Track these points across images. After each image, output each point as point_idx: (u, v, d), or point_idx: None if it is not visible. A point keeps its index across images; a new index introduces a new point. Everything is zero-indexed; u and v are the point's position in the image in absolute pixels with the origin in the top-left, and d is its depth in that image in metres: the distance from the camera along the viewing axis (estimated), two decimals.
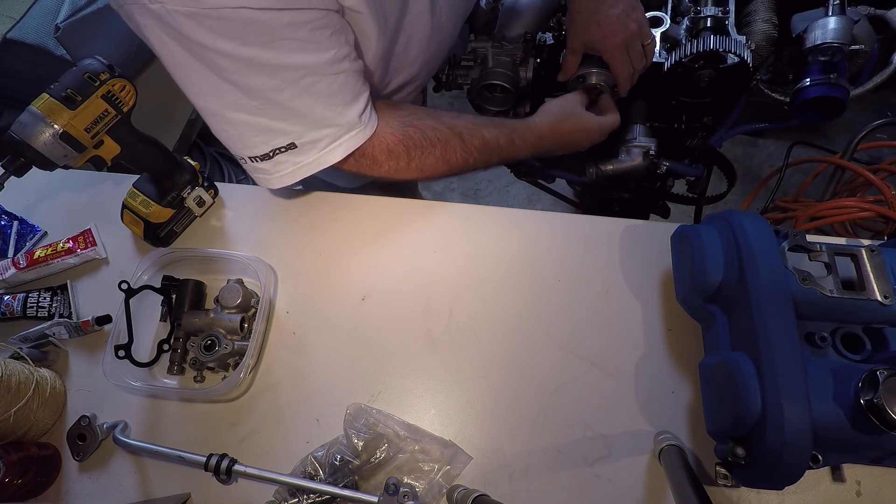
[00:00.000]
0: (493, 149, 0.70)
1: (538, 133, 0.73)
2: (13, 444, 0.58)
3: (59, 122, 0.55)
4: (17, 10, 1.25)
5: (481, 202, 1.94)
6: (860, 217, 1.05)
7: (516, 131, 0.72)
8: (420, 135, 0.65)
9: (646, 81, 0.79)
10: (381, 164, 0.65)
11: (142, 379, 0.64)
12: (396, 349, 0.65)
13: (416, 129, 0.65)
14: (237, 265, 0.69)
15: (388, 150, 0.64)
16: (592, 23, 0.72)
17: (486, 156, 0.70)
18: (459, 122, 0.68)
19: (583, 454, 0.58)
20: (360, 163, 0.64)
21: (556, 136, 0.75)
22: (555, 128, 0.74)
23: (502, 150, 0.71)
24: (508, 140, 0.71)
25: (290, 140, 0.57)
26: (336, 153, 0.60)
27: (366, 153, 0.63)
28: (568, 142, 0.76)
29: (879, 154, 1.40)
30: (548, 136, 0.74)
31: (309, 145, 0.58)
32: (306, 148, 0.58)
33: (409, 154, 0.65)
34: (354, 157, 0.62)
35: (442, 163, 0.67)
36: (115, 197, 0.73)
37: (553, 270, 0.68)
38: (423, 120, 0.67)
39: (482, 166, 0.72)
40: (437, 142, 0.66)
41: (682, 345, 0.62)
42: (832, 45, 0.73)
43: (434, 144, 0.66)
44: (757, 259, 0.51)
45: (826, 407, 0.45)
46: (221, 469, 0.55)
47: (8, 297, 0.70)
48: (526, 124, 0.74)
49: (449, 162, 0.67)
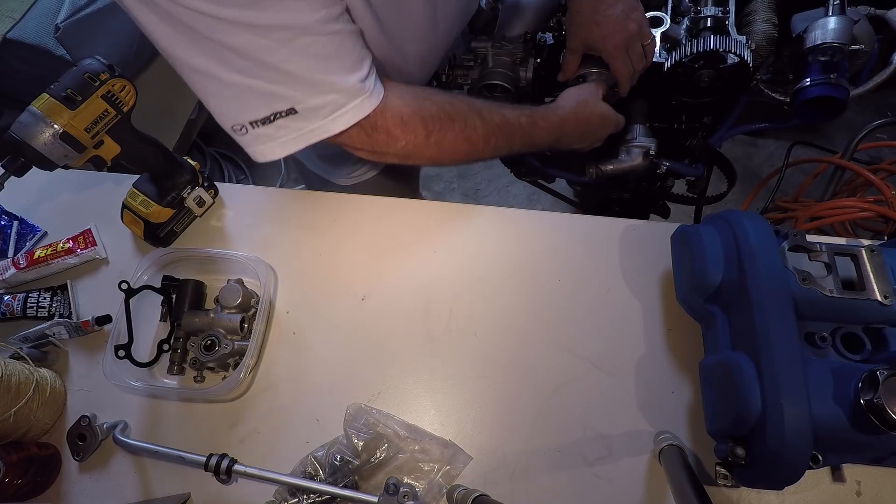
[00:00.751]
0: (515, 128, 0.66)
1: (560, 116, 0.71)
2: (13, 444, 0.58)
3: (59, 122, 0.55)
4: (17, 10, 1.25)
5: (481, 202, 1.94)
6: (860, 217, 1.05)
7: (537, 112, 0.69)
8: (437, 108, 0.61)
9: (646, 81, 0.79)
10: (397, 139, 0.60)
11: (142, 379, 0.64)
12: (396, 349, 0.65)
13: (432, 102, 0.61)
14: (237, 265, 0.69)
15: (402, 121, 0.59)
16: (592, 23, 0.72)
17: (507, 136, 0.66)
18: (477, 101, 0.65)
19: (583, 454, 0.58)
20: (374, 138, 0.59)
21: (577, 120, 0.72)
22: (576, 112, 0.72)
23: (524, 132, 0.67)
24: (530, 120, 0.68)
25: (290, 105, 0.54)
26: (341, 121, 0.56)
27: (378, 125, 0.58)
28: (587, 129, 0.74)
29: (879, 154, 1.40)
30: (569, 121, 0.72)
31: (311, 112, 0.55)
32: (309, 115, 0.55)
33: (426, 126, 0.60)
34: (366, 130, 0.58)
35: (462, 140, 0.63)
36: (115, 197, 0.73)
37: (553, 270, 0.68)
38: (439, 95, 0.63)
39: (504, 149, 0.68)
40: (456, 116, 0.62)
41: (682, 345, 0.62)
42: (832, 45, 0.73)
43: (453, 119, 0.62)
44: (757, 259, 0.51)
45: (826, 407, 0.45)
46: (221, 469, 0.55)
47: (8, 297, 0.70)
48: (547, 107, 0.72)
49: (470, 139, 0.63)
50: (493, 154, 0.68)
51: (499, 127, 0.65)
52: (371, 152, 0.62)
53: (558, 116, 0.71)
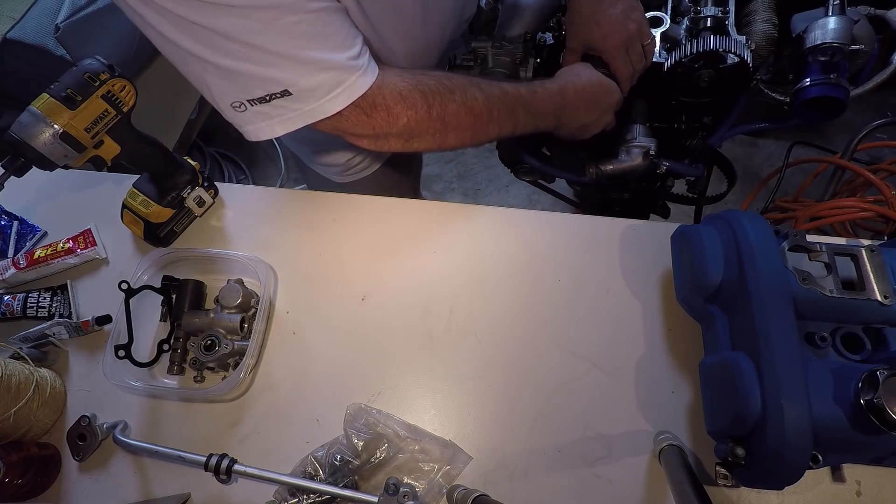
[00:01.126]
0: (516, 99, 0.65)
1: (559, 84, 0.70)
2: (13, 444, 0.58)
3: (59, 122, 0.55)
4: (17, 10, 1.25)
5: (481, 202, 1.95)
6: (860, 217, 1.05)
7: (535, 83, 0.69)
8: (435, 81, 0.60)
9: (646, 81, 0.79)
10: (398, 116, 0.58)
11: (142, 379, 0.64)
12: (396, 349, 0.65)
13: (430, 77, 0.60)
14: (237, 265, 0.69)
15: (401, 96, 0.58)
16: (592, 23, 0.72)
17: (509, 106, 0.65)
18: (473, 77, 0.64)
19: (583, 454, 0.58)
20: (373, 118, 0.58)
21: (577, 87, 0.71)
22: (574, 80, 0.71)
23: (524, 101, 0.66)
24: (530, 90, 0.67)
25: (283, 87, 0.53)
26: (338, 101, 0.55)
27: (377, 103, 0.57)
28: (590, 96, 0.72)
29: (879, 154, 1.40)
30: (570, 88, 0.70)
31: (306, 93, 0.54)
32: (304, 96, 0.54)
33: (426, 100, 0.59)
34: (365, 110, 0.57)
35: (465, 111, 0.61)
36: (115, 197, 0.73)
37: (553, 270, 0.68)
38: (434, 71, 0.62)
39: (509, 122, 0.66)
40: (455, 88, 0.61)
41: (682, 345, 0.62)
42: (832, 45, 0.73)
43: (452, 91, 0.61)
44: (757, 259, 0.51)
45: (826, 407, 0.45)
46: (221, 469, 0.55)
47: (8, 297, 0.70)
48: (546, 79, 0.71)
49: (473, 110, 0.62)
50: (499, 128, 0.66)
51: (499, 98, 0.64)
52: (373, 136, 0.61)
53: (557, 84, 0.70)
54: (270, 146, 2.04)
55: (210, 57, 0.50)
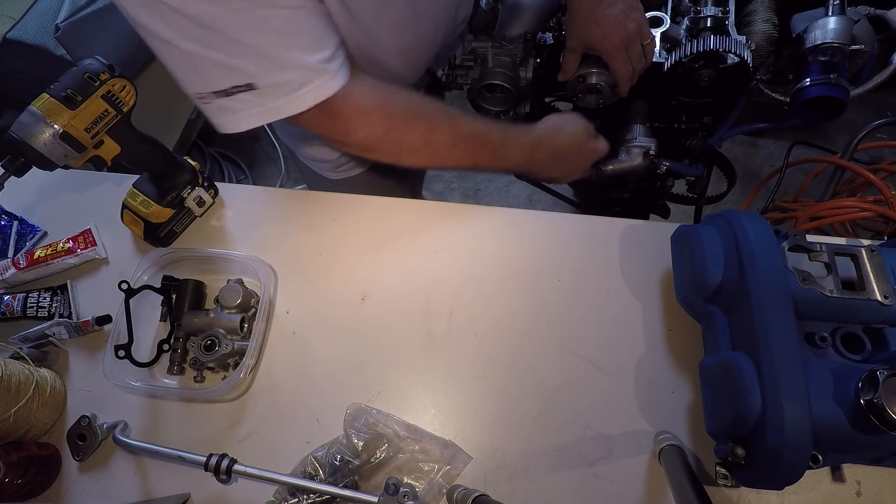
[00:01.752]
0: (484, 141, 0.66)
1: (535, 136, 0.71)
2: (13, 444, 0.58)
3: (59, 122, 0.55)
4: (17, 10, 1.25)
5: (481, 202, 1.95)
6: (860, 217, 1.05)
7: (511, 129, 0.69)
8: (403, 104, 0.60)
9: (646, 81, 0.79)
10: (356, 129, 0.58)
11: (142, 379, 0.64)
12: (396, 349, 0.65)
13: (401, 98, 0.60)
14: (237, 265, 0.69)
15: (363, 111, 0.58)
16: (592, 22, 0.72)
17: (474, 148, 0.65)
18: (452, 108, 0.64)
19: (583, 454, 0.58)
20: (333, 124, 0.58)
21: (551, 146, 0.72)
22: (552, 137, 0.72)
23: (493, 147, 0.67)
24: (502, 135, 0.67)
25: (248, 80, 0.53)
26: (301, 102, 0.54)
27: (337, 111, 0.57)
28: (561, 158, 0.74)
29: (879, 154, 1.40)
30: (544, 145, 0.72)
31: (271, 89, 0.53)
32: (268, 91, 0.53)
33: (387, 122, 0.59)
34: (325, 114, 0.57)
35: (423, 143, 0.62)
36: (115, 197, 0.73)
37: (553, 270, 0.68)
38: (411, 94, 0.61)
39: (470, 161, 0.67)
40: (421, 116, 0.61)
41: (682, 345, 0.62)
42: (832, 45, 0.73)
43: (416, 117, 0.61)
44: (757, 259, 0.51)
45: (826, 407, 0.45)
46: (221, 469, 0.55)
47: (8, 297, 0.70)
48: (523, 126, 0.72)
49: (431, 143, 0.62)
50: (458, 164, 0.67)
51: (466, 137, 0.65)
52: (331, 140, 0.61)
53: (531, 137, 0.71)
54: (270, 146, 2.05)
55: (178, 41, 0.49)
